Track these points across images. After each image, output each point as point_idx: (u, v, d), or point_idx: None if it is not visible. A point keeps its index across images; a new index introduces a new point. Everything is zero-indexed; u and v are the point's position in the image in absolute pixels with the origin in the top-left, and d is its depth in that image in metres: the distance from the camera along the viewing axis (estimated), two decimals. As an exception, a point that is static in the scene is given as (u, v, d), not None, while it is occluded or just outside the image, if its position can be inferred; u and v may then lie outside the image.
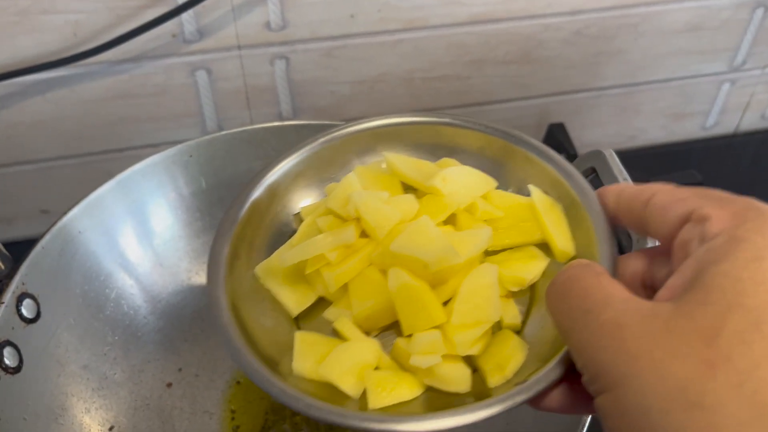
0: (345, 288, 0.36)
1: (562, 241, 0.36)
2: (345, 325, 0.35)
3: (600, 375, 0.25)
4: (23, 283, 0.48)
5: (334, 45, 0.65)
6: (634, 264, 0.32)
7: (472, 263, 0.35)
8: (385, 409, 0.32)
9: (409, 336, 0.34)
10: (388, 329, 0.36)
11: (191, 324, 0.59)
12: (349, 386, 0.33)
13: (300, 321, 0.37)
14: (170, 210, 0.58)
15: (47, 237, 0.50)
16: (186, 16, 0.60)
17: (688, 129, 0.84)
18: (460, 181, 0.38)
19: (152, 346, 0.57)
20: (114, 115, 0.65)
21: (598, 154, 0.38)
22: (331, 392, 0.33)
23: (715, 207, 0.27)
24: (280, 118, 0.69)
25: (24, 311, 0.48)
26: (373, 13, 0.64)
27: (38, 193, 0.69)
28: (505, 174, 0.40)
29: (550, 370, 0.30)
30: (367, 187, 0.38)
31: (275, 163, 0.41)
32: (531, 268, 0.36)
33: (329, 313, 0.36)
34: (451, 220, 0.37)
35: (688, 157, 0.83)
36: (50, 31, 0.59)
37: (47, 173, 0.68)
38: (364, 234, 0.36)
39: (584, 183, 0.37)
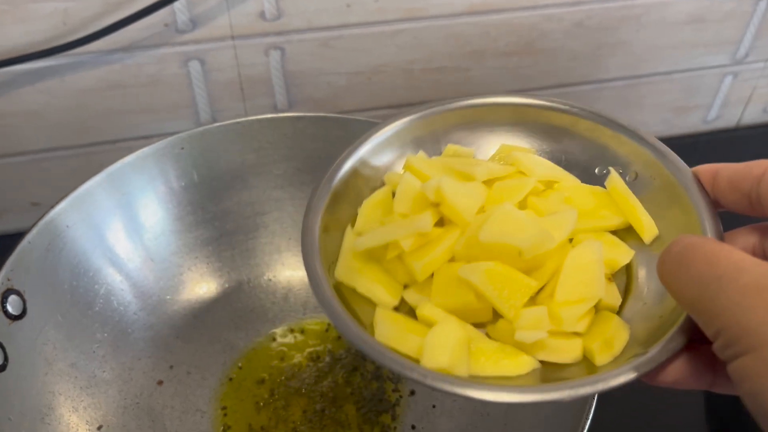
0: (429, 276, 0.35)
1: (648, 221, 0.36)
2: (430, 310, 0.34)
3: (741, 337, 0.25)
4: (8, 279, 0.47)
5: (330, 35, 0.64)
6: (744, 239, 0.32)
7: (562, 248, 0.34)
8: (488, 380, 0.32)
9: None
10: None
11: (183, 321, 0.58)
12: (460, 369, 0.31)
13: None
14: (161, 204, 0.57)
15: (34, 232, 0.49)
16: (178, 5, 0.59)
17: (690, 122, 0.83)
18: (530, 167, 0.37)
19: (143, 344, 0.56)
20: (105, 106, 0.64)
21: None
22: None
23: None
24: (276, 109, 0.68)
25: (9, 308, 0.47)
26: (370, 3, 0.63)
27: (28, 186, 0.68)
28: (595, 154, 0.39)
29: (669, 342, 0.30)
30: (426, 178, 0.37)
31: (365, 138, 0.40)
32: (621, 251, 0.35)
33: (408, 295, 0.36)
34: (523, 206, 0.36)
35: (689, 150, 0.82)
36: (39, 19, 0.57)
37: (38, 165, 0.67)
38: (440, 223, 0.36)
39: (680, 162, 0.36)
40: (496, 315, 0.34)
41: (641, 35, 0.72)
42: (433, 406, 0.54)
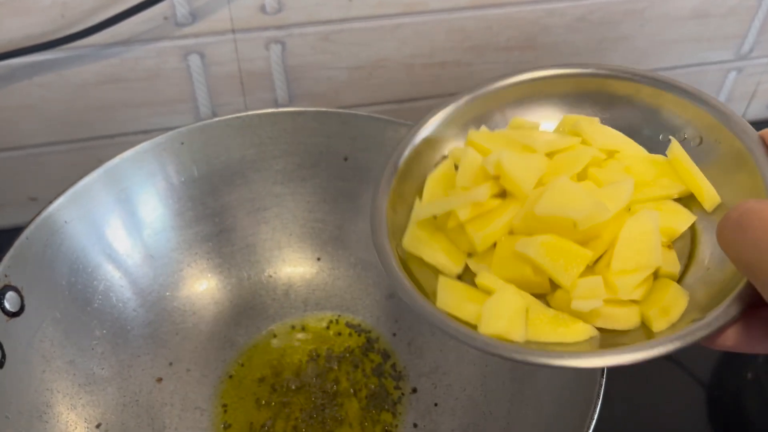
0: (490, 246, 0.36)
1: (708, 189, 0.36)
2: (488, 279, 0.35)
3: None
4: (6, 275, 0.46)
5: (331, 29, 0.63)
6: None
7: (620, 217, 0.34)
8: (547, 346, 0.33)
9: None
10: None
11: (183, 317, 0.58)
12: (517, 335, 0.33)
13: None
14: (161, 199, 0.56)
15: (31, 227, 0.48)
16: (178, -3, 0.59)
17: (694, 118, 0.82)
18: (593, 136, 0.38)
19: (142, 341, 0.55)
20: (104, 100, 0.63)
21: None
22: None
23: None
24: (276, 104, 0.68)
25: (7, 304, 0.46)
26: (372, -3, 0.62)
27: (26, 180, 0.67)
28: (658, 121, 0.39)
29: (729, 307, 0.30)
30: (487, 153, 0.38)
31: (426, 119, 0.41)
32: (680, 219, 0.36)
33: (472, 264, 0.37)
34: (583, 177, 0.37)
35: None
36: (37, 12, 0.57)
37: (36, 160, 0.66)
38: (500, 195, 0.37)
39: (745, 125, 0.35)
40: (554, 286, 0.35)
41: (644, 30, 0.71)
42: (435, 404, 0.54)
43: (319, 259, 0.61)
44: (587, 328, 0.34)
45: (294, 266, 0.61)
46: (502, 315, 0.33)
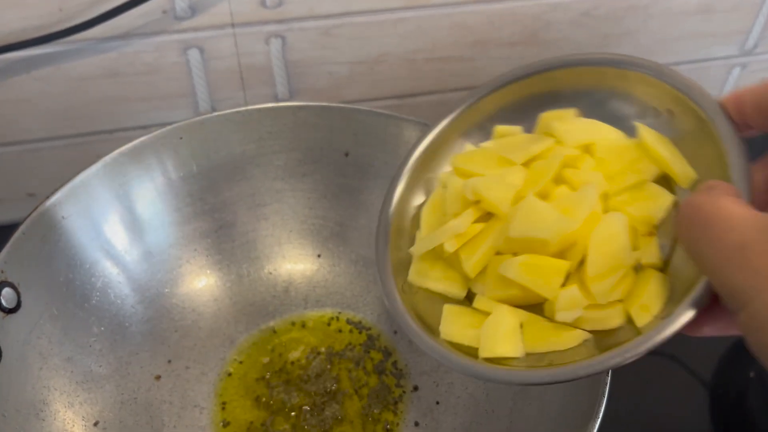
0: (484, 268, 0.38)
1: (681, 167, 0.36)
2: (484, 302, 0.37)
3: (733, 295, 0.27)
4: (2, 271, 0.46)
5: (332, 23, 0.63)
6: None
7: (592, 221, 0.35)
8: (546, 355, 0.35)
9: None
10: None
11: (182, 314, 0.57)
12: (514, 352, 0.35)
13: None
14: (159, 195, 0.56)
15: (28, 222, 0.48)
16: (177, -9, 0.58)
17: (697, 115, 0.82)
18: (566, 134, 0.39)
19: (140, 338, 0.55)
20: (102, 95, 0.63)
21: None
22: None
23: None
24: (276, 99, 0.67)
25: (3, 301, 0.46)
26: (374, -9, 0.62)
27: (24, 176, 0.67)
28: (626, 102, 0.39)
29: (696, 299, 0.31)
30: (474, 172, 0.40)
31: (413, 148, 0.43)
32: (658, 205, 0.36)
33: (474, 286, 0.39)
34: (560, 180, 0.38)
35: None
36: (35, 5, 0.56)
37: (34, 155, 0.65)
38: (486, 216, 0.38)
39: (705, 94, 0.35)
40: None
41: (648, 25, 0.71)
42: (437, 403, 0.53)
43: (319, 255, 0.60)
44: (579, 333, 0.35)
45: (294, 263, 0.60)
46: (499, 336, 0.35)
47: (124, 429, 0.51)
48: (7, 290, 0.46)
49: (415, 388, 0.54)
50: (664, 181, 0.37)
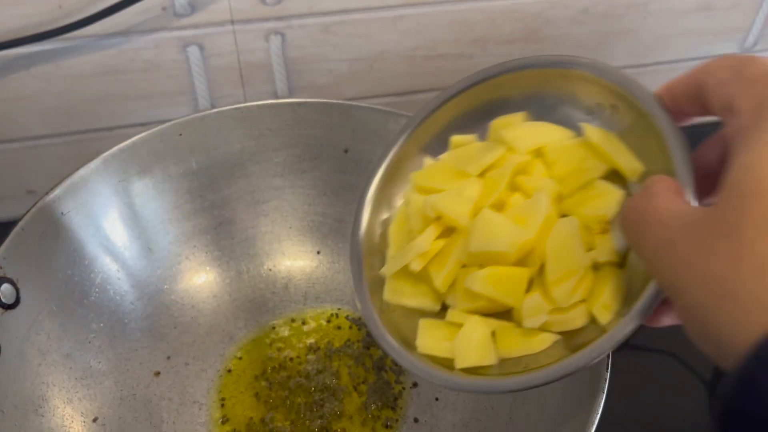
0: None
1: (627, 162, 0.36)
2: (456, 315, 0.38)
3: (667, 288, 0.28)
4: (1, 267, 0.46)
5: (331, 20, 0.63)
6: (711, 152, 0.33)
7: (549, 223, 0.36)
8: (521, 359, 0.36)
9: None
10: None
11: (181, 310, 0.57)
12: (488, 360, 0.36)
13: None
14: (159, 191, 0.56)
15: (27, 218, 0.48)
16: (177, -12, 0.58)
17: (697, 113, 0.82)
18: (515, 141, 0.39)
19: (139, 334, 0.55)
20: (102, 92, 0.63)
21: None
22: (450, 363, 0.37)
23: (745, 96, 0.28)
24: (276, 96, 0.67)
25: (2, 297, 0.45)
26: (373, -13, 0.61)
27: (23, 173, 0.67)
28: (573, 100, 0.39)
29: (652, 294, 0.31)
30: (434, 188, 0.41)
31: (374, 168, 0.44)
32: (608, 202, 0.36)
33: (447, 299, 0.40)
34: (515, 187, 0.39)
35: (696, 141, 0.81)
36: (34, 2, 0.56)
37: (33, 152, 0.65)
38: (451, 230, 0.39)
39: (642, 87, 0.36)
40: None
41: (648, 23, 0.70)
42: (437, 399, 0.53)
43: (318, 252, 0.60)
44: (549, 336, 0.36)
45: (294, 259, 0.60)
46: (472, 346, 0.37)
47: (123, 425, 0.50)
48: (5, 286, 0.46)
49: (415, 385, 0.54)
50: (616, 175, 0.37)
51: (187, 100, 0.65)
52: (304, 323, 0.58)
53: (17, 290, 0.47)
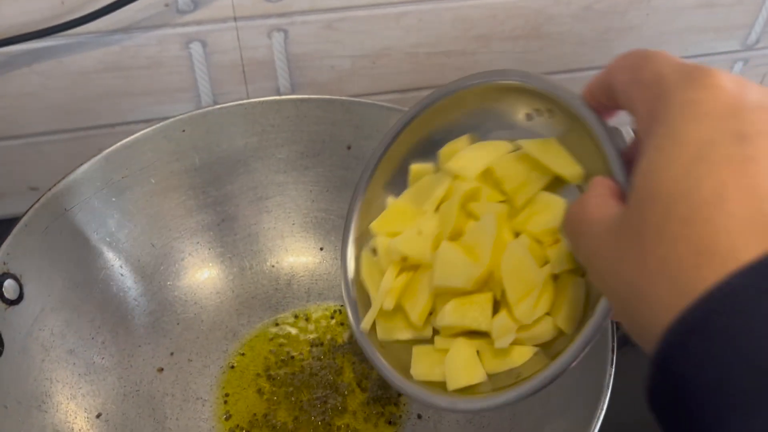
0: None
1: (567, 168, 0.37)
2: (441, 341, 0.40)
3: (603, 293, 0.29)
4: (4, 263, 0.46)
5: (334, 17, 0.63)
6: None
7: (500, 245, 0.38)
8: (512, 371, 0.37)
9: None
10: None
11: (184, 306, 0.57)
12: (477, 378, 0.38)
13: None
14: (162, 187, 0.56)
15: (30, 214, 0.48)
16: (180, -16, 0.58)
17: (699, 110, 0.81)
18: (461, 169, 0.40)
19: (142, 330, 0.55)
20: (104, 89, 0.63)
21: None
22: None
23: (640, 101, 0.28)
24: (278, 93, 0.67)
25: (5, 292, 0.45)
26: (376, -16, 0.61)
27: (25, 170, 0.67)
28: (512, 110, 0.40)
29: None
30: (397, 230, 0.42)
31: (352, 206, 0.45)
32: (553, 214, 0.37)
33: (434, 323, 0.41)
34: (469, 214, 0.40)
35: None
36: (36, -2, 0.56)
37: (36, 148, 0.65)
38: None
39: (569, 91, 0.36)
40: None
41: (650, 19, 0.70)
42: (440, 395, 0.53)
43: (322, 248, 0.60)
44: (527, 349, 0.38)
45: (297, 256, 0.60)
46: (460, 368, 0.38)
47: (126, 421, 0.50)
48: (9, 282, 0.46)
49: (418, 381, 0.54)
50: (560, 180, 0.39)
51: (189, 97, 0.65)
52: (307, 319, 0.58)
53: (21, 286, 0.47)
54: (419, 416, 0.53)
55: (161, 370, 0.54)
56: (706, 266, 0.22)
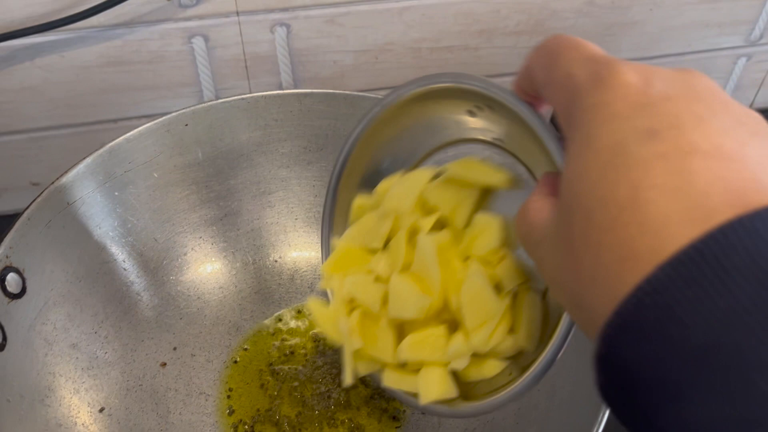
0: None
1: (492, 177, 0.38)
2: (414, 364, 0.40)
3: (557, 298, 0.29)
4: (7, 257, 0.46)
5: (337, 12, 0.62)
6: None
7: (451, 269, 0.38)
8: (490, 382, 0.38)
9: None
10: None
11: (187, 301, 0.57)
12: (450, 393, 0.38)
13: None
14: (165, 182, 0.56)
15: (33, 207, 0.48)
16: (182, -22, 0.58)
17: (702, 106, 0.81)
18: (397, 207, 0.40)
19: (145, 325, 0.54)
20: (106, 83, 0.63)
21: None
22: None
23: (556, 102, 0.28)
24: (281, 88, 0.67)
25: (8, 286, 0.45)
26: (379, -22, 0.61)
27: (27, 165, 0.67)
28: (454, 112, 0.40)
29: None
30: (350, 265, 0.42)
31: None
32: (491, 233, 0.37)
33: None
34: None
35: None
36: (39, -8, 0.56)
37: (37, 143, 0.65)
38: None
39: (503, 88, 0.35)
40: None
41: (654, 15, 0.70)
42: (444, 390, 0.53)
43: (325, 243, 0.60)
44: (497, 363, 0.38)
45: (300, 251, 0.60)
46: (433, 382, 0.38)
47: (129, 415, 0.50)
48: (12, 275, 0.46)
49: (422, 376, 0.54)
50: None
51: (191, 92, 0.65)
52: (310, 314, 0.58)
53: (23, 280, 0.47)
54: (423, 412, 0.52)
55: (164, 364, 0.54)
56: (630, 271, 0.22)
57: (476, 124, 0.39)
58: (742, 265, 0.20)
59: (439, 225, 0.39)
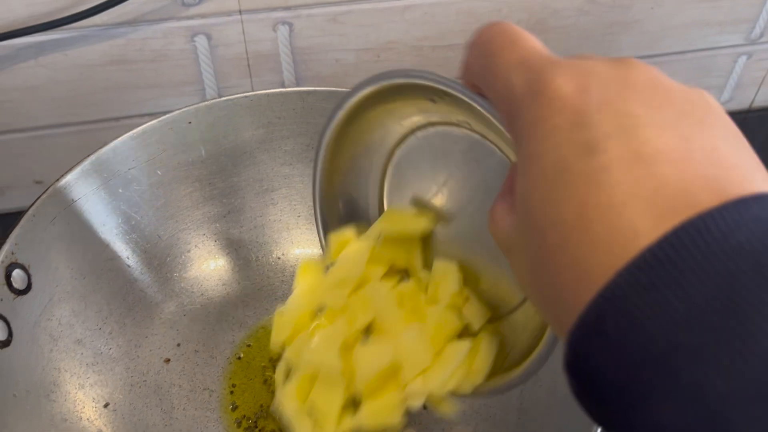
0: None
1: (417, 226, 0.40)
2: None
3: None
4: (12, 253, 0.46)
5: (339, 10, 0.63)
6: None
7: (420, 315, 0.39)
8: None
9: None
10: None
11: (191, 298, 0.57)
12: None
13: None
14: (168, 179, 0.56)
15: (38, 204, 0.48)
16: (185, -24, 0.58)
17: (702, 104, 0.81)
18: (350, 264, 0.42)
19: (149, 321, 0.55)
20: (110, 82, 0.63)
21: None
22: None
23: (497, 101, 0.27)
24: (283, 86, 0.67)
25: (14, 282, 0.45)
26: (381, -23, 0.61)
27: (31, 163, 0.67)
28: (413, 104, 0.39)
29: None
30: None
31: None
32: (450, 279, 0.39)
33: None
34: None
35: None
36: (43, -10, 0.56)
37: (41, 142, 0.65)
38: None
39: (455, 81, 0.34)
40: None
41: (655, 13, 0.70)
42: (446, 386, 0.53)
43: (328, 241, 0.61)
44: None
45: (303, 248, 0.60)
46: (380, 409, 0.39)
47: (134, 411, 0.51)
48: (17, 272, 0.46)
49: (424, 372, 0.54)
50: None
51: (194, 90, 0.65)
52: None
53: (29, 276, 0.47)
54: (425, 406, 0.53)
55: (168, 360, 0.54)
56: (586, 289, 0.22)
57: (440, 110, 0.39)
58: (696, 266, 0.20)
59: (406, 275, 0.41)
